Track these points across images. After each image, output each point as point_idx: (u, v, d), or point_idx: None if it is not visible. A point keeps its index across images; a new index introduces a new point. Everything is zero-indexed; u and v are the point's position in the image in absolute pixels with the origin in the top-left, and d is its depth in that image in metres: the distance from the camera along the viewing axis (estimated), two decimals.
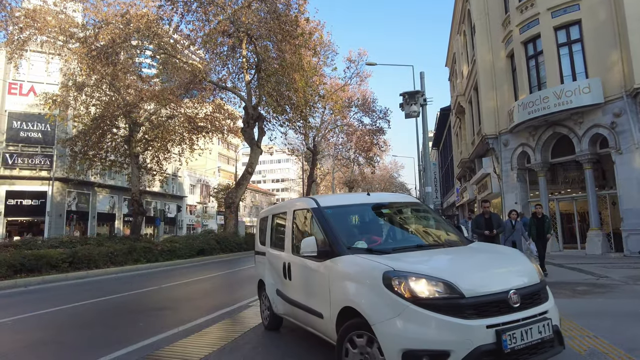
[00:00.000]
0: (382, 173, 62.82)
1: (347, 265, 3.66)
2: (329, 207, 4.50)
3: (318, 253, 3.92)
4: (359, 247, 3.93)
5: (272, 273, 5.53)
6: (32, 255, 12.21)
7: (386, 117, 35.36)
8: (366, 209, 4.91)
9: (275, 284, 5.39)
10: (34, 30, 20.75)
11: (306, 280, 4.36)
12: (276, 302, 5.32)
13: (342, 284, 3.61)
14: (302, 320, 4.59)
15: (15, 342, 5.56)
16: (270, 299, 5.48)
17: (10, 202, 34.37)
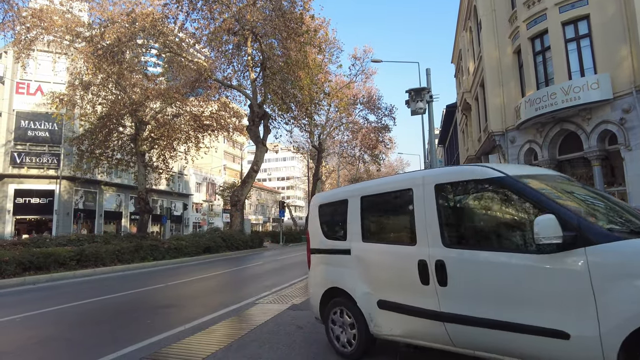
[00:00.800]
0: (387, 170, 62.74)
1: None
2: (523, 175, 3.37)
3: (563, 239, 2.68)
4: (618, 229, 2.93)
5: (369, 277, 4.17)
6: (40, 253, 12.33)
7: (392, 114, 35.32)
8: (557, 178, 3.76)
9: (374, 293, 4.08)
10: (41, 30, 20.89)
11: (507, 284, 3.06)
12: (379, 319, 4.03)
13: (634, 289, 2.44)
14: (482, 343, 3.22)
15: (24, 339, 5.60)
16: (366, 314, 4.12)
17: (19, 201, 34.71)
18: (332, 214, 5.07)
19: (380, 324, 4.02)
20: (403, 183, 4.12)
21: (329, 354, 4.61)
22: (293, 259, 18.70)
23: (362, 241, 4.34)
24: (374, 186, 4.53)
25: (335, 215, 5.02)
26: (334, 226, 5.03)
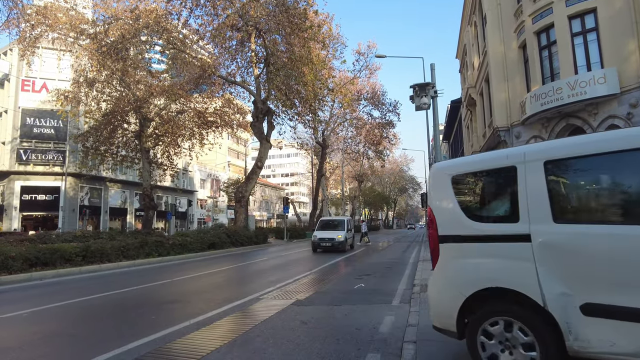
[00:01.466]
0: (391, 167, 62.63)
1: None
2: None
3: None
4: None
5: (568, 272, 3.03)
6: (46, 249, 12.41)
7: (396, 110, 35.22)
8: None
9: (576, 294, 2.97)
10: (45, 27, 20.95)
11: None
12: (585, 330, 2.92)
13: None
14: None
15: (31, 334, 5.64)
16: (562, 324, 2.98)
17: (25, 198, 34.98)
18: (483, 187, 3.91)
19: (587, 337, 2.88)
20: (631, 140, 2.98)
21: (333, 348, 4.61)
22: (297, 255, 18.75)
23: (553, 222, 3.12)
24: (571, 146, 3.32)
25: (489, 188, 3.86)
26: (489, 203, 3.84)
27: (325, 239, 20.01)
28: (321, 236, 20.29)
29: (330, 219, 23.10)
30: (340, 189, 59.82)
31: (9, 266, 10.98)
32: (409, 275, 10.76)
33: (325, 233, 20.53)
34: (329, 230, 20.86)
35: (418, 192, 73.40)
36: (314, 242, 20.37)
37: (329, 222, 22.53)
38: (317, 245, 20.14)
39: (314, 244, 20.34)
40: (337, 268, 13.22)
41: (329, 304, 7.29)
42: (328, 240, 19.93)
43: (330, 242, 19.86)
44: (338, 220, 22.18)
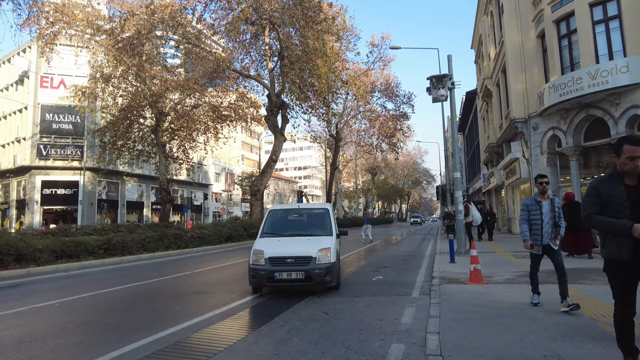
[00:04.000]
0: (405, 159, 62.28)
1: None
2: None
3: None
4: None
5: None
6: (71, 242, 12.77)
7: (410, 102, 34.99)
8: None
9: None
10: (63, 24, 21.25)
11: None
12: None
13: None
14: None
15: (64, 322, 5.86)
16: None
17: (46, 192, 35.80)
18: None
19: None
20: None
21: (355, 337, 4.70)
22: None
23: None
24: None
25: None
26: None
27: (287, 262, 7.33)
28: (275, 253, 7.45)
29: (297, 209, 9.72)
30: (353, 182, 59.79)
31: (37, 258, 11.35)
32: (426, 268, 10.79)
33: (283, 245, 7.84)
34: (293, 238, 8.24)
35: (432, 184, 72.90)
36: (256, 270, 7.41)
37: (294, 218, 9.38)
38: (265, 278, 7.33)
39: (257, 273, 7.39)
40: (352, 261, 13.31)
41: (349, 295, 7.38)
42: (293, 264, 7.32)
43: (299, 268, 7.25)
44: (315, 212, 9.41)
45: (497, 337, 4.43)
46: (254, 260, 7.33)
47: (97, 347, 4.60)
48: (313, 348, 4.45)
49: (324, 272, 7.11)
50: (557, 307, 5.45)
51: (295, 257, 7.20)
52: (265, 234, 8.28)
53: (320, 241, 7.68)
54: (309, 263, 7.10)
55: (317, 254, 7.17)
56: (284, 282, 7.14)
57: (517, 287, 7.25)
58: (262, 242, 7.82)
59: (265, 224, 8.54)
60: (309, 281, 7.05)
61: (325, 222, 8.49)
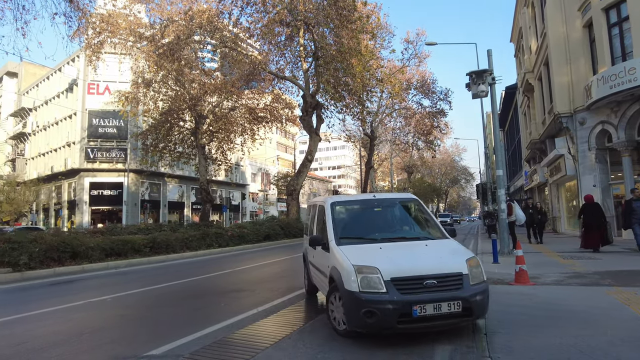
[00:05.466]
0: (442, 157, 60.96)
1: None
2: None
3: None
4: None
5: None
6: (119, 241, 13.43)
7: (447, 98, 34.18)
8: None
9: None
10: (108, 33, 22.27)
11: None
12: None
13: None
14: None
15: (117, 316, 6.18)
16: None
17: (93, 193, 37.74)
18: None
19: None
20: None
21: (399, 336, 4.66)
22: None
23: None
24: None
25: None
26: None
27: (426, 285, 4.30)
28: (402, 271, 4.39)
29: (375, 199, 6.30)
30: (388, 181, 59.23)
31: (90, 256, 12.01)
32: None
33: (401, 256, 4.79)
34: (397, 244, 5.27)
35: (471, 182, 70.95)
36: (373, 303, 4.19)
37: (376, 214, 6.15)
38: (395, 317, 4.16)
39: (377, 309, 4.17)
40: None
41: None
42: (437, 287, 4.31)
43: (449, 295, 4.27)
44: (403, 204, 6.39)
45: (548, 339, 4.28)
46: (364, 286, 4.26)
47: (151, 341, 4.82)
48: (359, 347, 4.46)
49: (485, 298, 4.44)
50: (614, 311, 5.19)
51: (438, 275, 4.33)
52: (345, 239, 5.21)
53: (450, 248, 5.15)
54: (460, 284, 4.35)
55: (467, 269, 4.48)
56: (429, 321, 4.17)
57: (566, 288, 6.96)
58: (355, 252, 4.76)
59: (334, 223, 5.48)
60: (467, 315, 4.29)
61: (427, 219, 5.96)
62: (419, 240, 5.36)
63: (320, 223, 6.12)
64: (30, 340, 5.01)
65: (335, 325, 4.81)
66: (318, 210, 6.44)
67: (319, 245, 5.55)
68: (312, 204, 7.32)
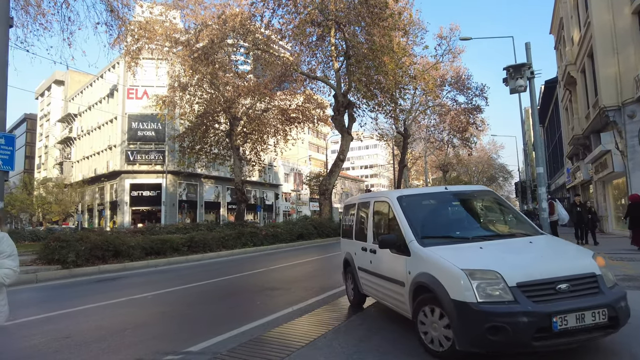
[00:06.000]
0: (479, 154, 59.20)
1: None
2: None
3: None
4: None
5: None
6: (158, 240, 13.90)
7: (483, 94, 33.22)
8: None
9: None
10: (146, 40, 23.09)
11: None
12: None
13: None
14: None
15: (158, 313, 6.39)
16: None
17: (134, 194, 39.25)
18: None
19: None
20: None
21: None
22: None
23: None
24: None
25: None
26: None
27: (561, 290, 3.49)
28: (531, 274, 3.58)
29: (450, 192, 5.43)
30: (423, 180, 58.25)
31: (131, 254, 12.49)
32: None
33: (518, 256, 4.08)
34: (498, 242, 4.48)
35: (509, 181, 68.56)
36: (500, 316, 3.35)
37: (457, 209, 5.41)
38: (531, 333, 3.31)
39: (507, 323, 3.31)
40: None
41: None
42: (571, 293, 3.52)
43: (591, 303, 3.46)
44: (483, 197, 5.59)
45: None
46: (483, 295, 3.47)
47: (189, 338, 4.93)
48: (394, 348, 4.38)
49: (627, 304, 3.65)
50: None
51: (571, 278, 3.58)
52: (429, 238, 4.38)
53: (561, 243, 4.60)
54: (597, 288, 3.60)
55: (599, 270, 3.73)
56: (571, 335, 3.39)
57: None
58: (454, 254, 3.96)
59: (409, 220, 4.60)
60: (613, 326, 3.52)
61: (513, 212, 5.27)
62: (518, 237, 4.63)
63: (370, 222, 5.51)
64: (76, 334, 5.25)
65: (430, 346, 3.88)
66: (373, 208, 5.52)
67: (391, 247, 4.54)
68: (358, 201, 6.38)
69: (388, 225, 5.11)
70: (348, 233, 6.61)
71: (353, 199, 6.87)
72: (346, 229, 6.84)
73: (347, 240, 6.65)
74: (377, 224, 5.45)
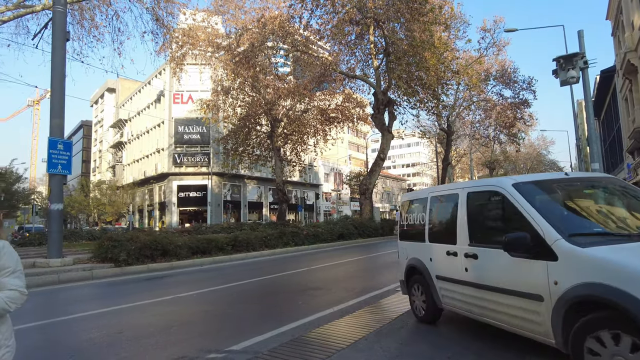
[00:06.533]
0: (528, 151, 56.50)
1: None
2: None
3: None
4: None
5: None
6: (204, 239, 14.35)
7: (531, 87, 31.70)
8: None
9: None
10: (189, 46, 23.91)
11: None
12: None
13: None
14: None
15: (203, 311, 6.57)
16: None
17: (181, 195, 40.83)
18: None
19: None
20: None
21: (485, 343, 4.34)
22: None
23: None
24: None
25: None
26: None
27: None
28: None
29: (574, 178, 4.69)
30: (468, 178, 56.47)
31: (178, 253, 12.96)
32: None
33: None
34: None
35: None
36: None
37: (591, 196, 4.37)
38: None
39: None
40: None
41: None
42: None
43: None
44: (615, 183, 4.49)
45: None
46: None
47: (232, 336, 5.02)
48: (438, 353, 4.23)
49: None
50: None
51: None
52: (584, 236, 3.43)
53: None
54: None
55: None
56: None
57: None
58: None
59: (541, 213, 3.59)
60: None
61: None
62: None
63: (464, 219, 4.47)
64: (127, 329, 5.49)
65: None
66: (469, 201, 4.50)
67: (519, 250, 3.48)
68: (430, 195, 5.33)
69: (504, 222, 4.04)
70: (413, 234, 5.53)
71: (421, 192, 5.66)
72: (408, 229, 5.75)
73: (411, 244, 5.58)
74: (477, 221, 4.40)
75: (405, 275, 5.75)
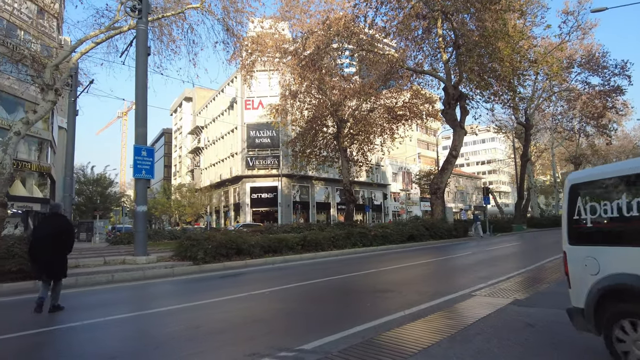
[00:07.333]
0: (621, 143, 50.89)
1: None
2: None
3: None
4: None
5: None
6: (275, 239, 14.82)
7: (624, 73, 28.52)
8: None
9: None
10: (258, 53, 24.83)
11: None
12: None
13: None
14: None
15: (275, 309, 6.77)
16: None
17: (254, 196, 42.62)
18: None
19: None
20: None
21: (568, 353, 3.96)
22: (504, 251, 17.12)
23: None
24: None
25: None
26: None
27: None
28: None
29: None
30: (550, 175, 52.30)
31: (251, 252, 13.52)
32: None
33: None
34: None
35: None
36: None
37: None
38: None
39: None
40: (557, 266, 11.50)
41: (554, 306, 6.32)
42: None
43: None
44: None
45: None
46: None
47: (302, 335, 5.08)
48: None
49: None
50: None
51: None
52: None
53: None
54: None
55: None
56: None
57: None
58: None
59: None
60: None
61: None
62: None
63: None
64: (204, 324, 5.80)
65: None
66: None
67: None
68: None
69: None
70: (617, 233, 3.67)
71: (629, 163, 3.64)
72: (602, 227, 3.78)
73: (612, 250, 3.63)
74: None
75: (595, 302, 3.65)
